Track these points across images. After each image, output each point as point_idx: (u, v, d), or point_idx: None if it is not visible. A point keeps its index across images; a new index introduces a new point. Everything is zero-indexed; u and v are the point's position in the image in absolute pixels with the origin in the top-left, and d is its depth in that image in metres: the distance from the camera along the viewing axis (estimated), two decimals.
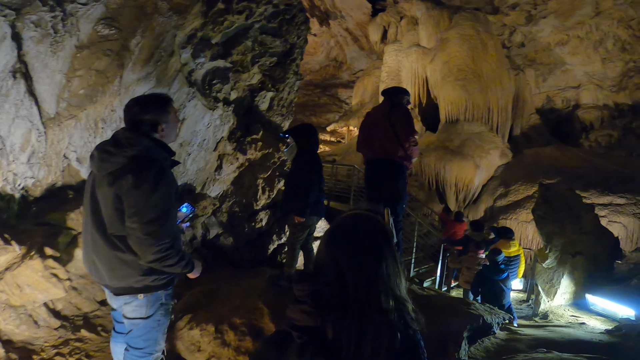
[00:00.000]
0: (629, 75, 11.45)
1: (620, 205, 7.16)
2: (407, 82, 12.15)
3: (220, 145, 4.68)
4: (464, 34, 10.92)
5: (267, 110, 5.59)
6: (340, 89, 17.60)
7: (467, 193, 9.73)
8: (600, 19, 10.86)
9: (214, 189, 4.97)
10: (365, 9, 14.11)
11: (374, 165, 2.98)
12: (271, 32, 5.12)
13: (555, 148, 10.39)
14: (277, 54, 5.33)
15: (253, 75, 5.07)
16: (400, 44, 12.73)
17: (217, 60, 4.39)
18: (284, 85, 5.74)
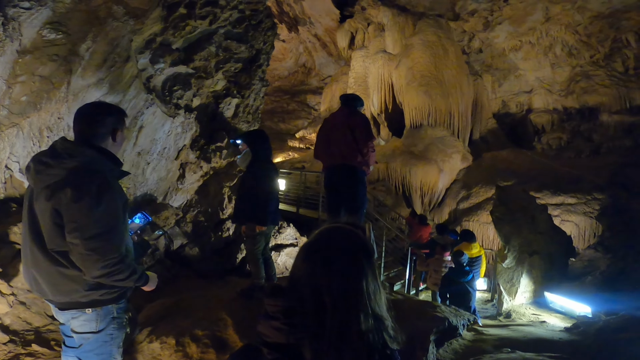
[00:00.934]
0: (576, 79, 11.93)
1: (572, 204, 7.58)
2: (374, 88, 12.33)
3: (183, 154, 4.51)
4: (427, 40, 11.26)
5: (233, 117, 5.48)
6: (309, 95, 17.60)
7: (431, 197, 9.99)
8: (550, 24, 11.24)
9: (177, 199, 4.79)
10: (333, 15, 14.20)
11: (333, 172, 2.98)
12: (236, 38, 5.05)
13: (510, 151, 10.92)
14: (242, 60, 5.25)
15: (217, 81, 4.96)
16: (367, 50, 12.93)
17: (179, 66, 4.26)
18: (250, 91, 5.68)
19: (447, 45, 11.38)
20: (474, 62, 13.07)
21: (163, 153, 4.22)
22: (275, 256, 6.07)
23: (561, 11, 10.69)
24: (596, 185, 7.85)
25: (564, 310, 5.06)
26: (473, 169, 10.08)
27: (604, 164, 9.03)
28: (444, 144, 10.17)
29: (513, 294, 5.19)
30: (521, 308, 5.17)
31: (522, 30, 11.64)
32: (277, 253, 6.08)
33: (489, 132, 12.76)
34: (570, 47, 11.53)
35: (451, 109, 10.89)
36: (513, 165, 9.82)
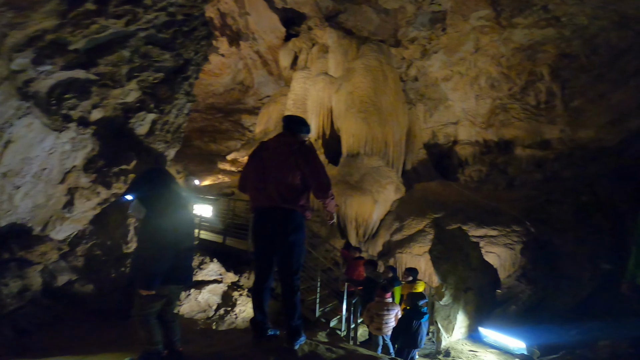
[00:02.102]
0: (496, 112, 12.43)
1: (494, 236, 7.94)
2: (312, 112, 12.03)
3: (71, 177, 3.62)
4: (369, 65, 11.28)
5: (147, 135, 4.68)
6: (245, 115, 16.79)
7: (366, 228, 9.81)
8: (478, 55, 11.59)
9: (62, 230, 3.83)
10: (279, 33, 13.86)
11: (269, 217, 2.36)
12: (161, 44, 4.36)
13: (439, 183, 11.33)
14: (165, 70, 4.55)
15: (129, 92, 4.21)
16: (309, 71, 12.66)
17: (75, 70, 3.48)
18: (171, 106, 4.93)
19: (387, 72, 11.51)
20: (410, 90, 13.42)
21: (41, 175, 3.30)
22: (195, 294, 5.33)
23: (489, 42, 11.22)
24: (514, 218, 8.37)
25: (498, 345, 5.05)
26: (406, 200, 10.17)
27: (518, 196, 9.75)
28: (379, 175, 10.14)
29: (450, 330, 5.08)
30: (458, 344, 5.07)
31: (454, 60, 12.14)
32: (198, 291, 5.37)
33: (419, 163, 13.07)
34: (492, 79, 12.16)
35: (387, 138, 10.95)
36: (442, 197, 10.11)
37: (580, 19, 9.53)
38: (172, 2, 4.14)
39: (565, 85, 11.19)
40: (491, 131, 12.73)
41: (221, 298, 5.03)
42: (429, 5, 10.84)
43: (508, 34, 10.76)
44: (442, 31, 11.42)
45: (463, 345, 5.04)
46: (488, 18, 10.53)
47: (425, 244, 7.62)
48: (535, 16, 9.93)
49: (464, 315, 5.21)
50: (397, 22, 11.84)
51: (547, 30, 10.22)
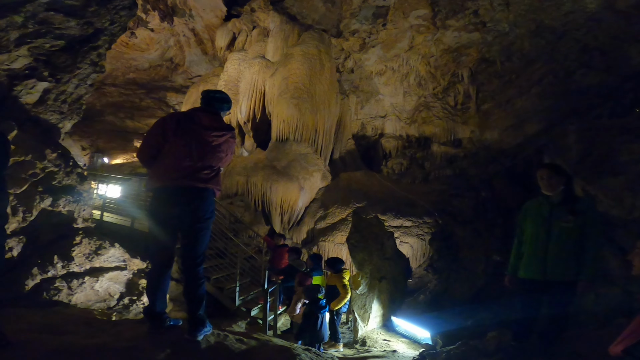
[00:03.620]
0: (419, 109, 13.22)
1: (408, 227, 8.53)
2: (245, 95, 11.66)
3: None
4: (308, 52, 11.20)
5: (36, 105, 4.10)
6: (171, 93, 15.57)
7: (291, 215, 9.85)
8: (411, 53, 12.16)
9: None
10: (219, 12, 12.93)
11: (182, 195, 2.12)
12: (66, 10, 3.87)
13: (363, 173, 11.76)
14: (67, 37, 4.05)
15: (17, 57, 3.72)
16: (246, 54, 12.25)
17: None
18: (72, 75, 4.39)
19: (324, 61, 11.56)
20: (345, 81, 13.71)
21: None
22: (91, 282, 4.79)
23: (422, 41, 11.82)
24: (427, 211, 9.08)
25: (408, 335, 5.42)
26: (331, 188, 10.40)
27: (432, 190, 10.57)
28: (306, 162, 10.22)
29: (366, 320, 5.34)
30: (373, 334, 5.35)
31: (389, 55, 12.59)
32: (95, 278, 4.81)
33: (347, 153, 13.47)
34: (420, 78, 12.92)
35: (318, 125, 11.06)
36: (365, 187, 10.48)
37: (503, 25, 10.45)
38: None
39: (480, 88, 12.32)
40: (414, 127, 13.60)
41: (125, 286, 4.51)
42: (374, 0, 11.11)
43: (440, 35, 11.43)
44: (382, 26, 11.76)
45: (378, 335, 5.33)
46: (425, 18, 11.09)
47: (347, 233, 7.57)
48: (466, 20, 10.68)
49: (378, 304, 5.49)
50: (342, 13, 11.95)
51: (473, 35, 11.06)
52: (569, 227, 2.37)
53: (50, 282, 3.80)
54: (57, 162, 4.16)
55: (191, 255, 2.21)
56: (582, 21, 9.32)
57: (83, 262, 4.19)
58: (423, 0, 10.66)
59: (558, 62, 10.50)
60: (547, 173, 2.50)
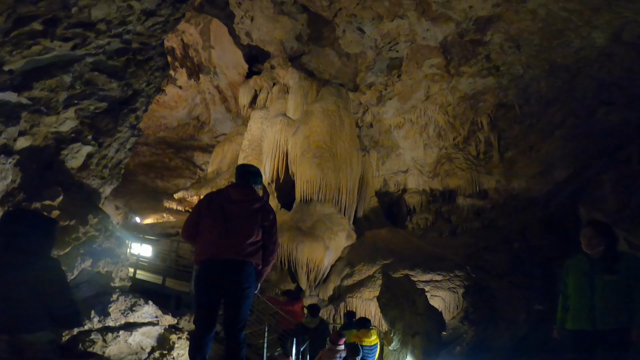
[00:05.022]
0: (441, 162, 12.72)
1: (438, 281, 8.30)
2: (268, 154, 11.93)
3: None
4: (327, 109, 11.46)
5: (80, 170, 4.28)
6: (198, 153, 16.21)
7: (317, 273, 9.83)
8: (428, 103, 11.98)
9: None
10: (241, 69, 13.92)
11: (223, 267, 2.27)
12: (109, 71, 4.08)
13: (388, 230, 11.58)
14: (109, 99, 4.24)
15: (64, 120, 3.88)
16: (268, 112, 12.63)
17: (6, 92, 3.19)
18: (113, 140, 4.59)
19: (344, 117, 11.74)
20: (364, 136, 13.63)
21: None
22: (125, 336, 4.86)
23: (438, 90, 11.74)
24: (456, 264, 8.80)
25: None
26: (356, 246, 10.35)
27: (461, 243, 10.21)
28: (331, 222, 10.25)
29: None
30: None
31: (406, 107, 12.53)
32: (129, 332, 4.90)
33: (371, 211, 13.22)
34: (440, 128, 12.62)
35: (340, 185, 11.06)
36: (391, 244, 10.39)
37: (516, 68, 10.40)
38: (129, 30, 3.95)
39: (501, 135, 11.96)
40: (437, 181, 13.13)
41: (156, 341, 4.64)
42: (387, 51, 11.49)
43: (455, 82, 11.40)
44: (397, 78, 11.92)
45: None
46: (439, 66, 11.20)
47: (375, 288, 7.79)
48: (479, 65, 10.71)
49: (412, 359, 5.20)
50: (357, 67, 12.41)
51: (488, 80, 10.99)
52: (613, 280, 2.32)
53: (87, 334, 3.99)
54: (98, 226, 4.37)
55: (232, 322, 2.29)
56: (594, 57, 9.18)
57: (118, 317, 4.33)
58: (435, 49, 10.92)
59: (577, 102, 10.24)
60: (591, 233, 2.47)
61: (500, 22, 9.55)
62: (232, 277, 2.24)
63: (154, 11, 4.03)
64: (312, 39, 12.54)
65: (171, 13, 4.27)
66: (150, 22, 4.10)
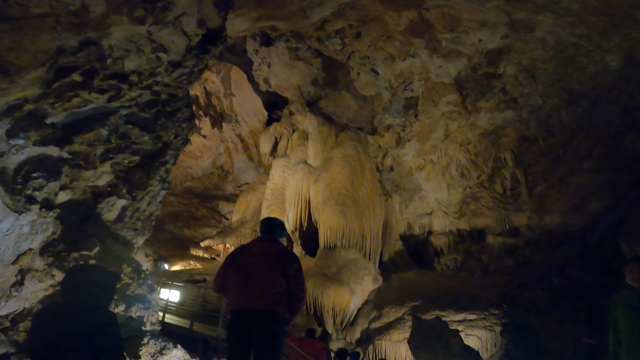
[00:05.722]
0: (467, 202, 12.52)
1: (473, 320, 8.04)
2: (291, 203, 12.06)
3: (25, 259, 3.43)
4: (347, 155, 11.54)
5: (115, 222, 4.47)
6: (222, 202, 16.61)
7: (343, 317, 9.76)
8: (448, 142, 11.86)
9: (6, 306, 3.48)
10: (261, 117, 14.19)
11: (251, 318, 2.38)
12: (141, 124, 4.31)
13: (415, 272, 11.34)
14: (142, 153, 4.46)
15: (101, 174, 4.11)
16: (289, 159, 12.81)
17: (49, 146, 3.43)
18: (145, 193, 4.77)
19: (364, 162, 11.75)
20: (386, 181, 13.53)
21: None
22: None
23: (457, 128, 11.62)
24: (491, 303, 8.55)
25: None
26: (383, 290, 10.26)
27: (495, 282, 9.93)
28: (356, 267, 10.20)
29: None
30: None
31: (426, 147, 12.42)
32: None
33: (396, 254, 13.00)
34: (462, 167, 12.40)
35: (364, 230, 10.99)
36: (419, 285, 10.27)
37: (534, 98, 10.26)
38: (158, 81, 4.22)
39: (527, 170, 11.64)
40: (463, 221, 12.84)
41: None
42: (402, 91, 11.59)
43: (474, 118, 11.30)
44: (414, 118, 11.94)
45: None
46: (455, 103, 11.18)
47: (405, 330, 7.75)
48: (496, 99, 10.62)
49: None
50: (374, 109, 12.50)
51: (507, 113, 10.87)
52: None
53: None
54: (131, 275, 4.59)
55: None
56: (611, 81, 8.99)
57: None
58: (450, 86, 10.92)
59: (603, 129, 9.93)
60: (638, 268, 2.52)
61: (511, 53, 9.64)
62: (258, 326, 2.34)
63: (180, 62, 4.34)
64: (327, 83, 12.80)
65: (195, 64, 4.57)
66: (177, 73, 4.39)
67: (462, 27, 9.36)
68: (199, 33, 4.36)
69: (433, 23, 9.53)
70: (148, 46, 3.88)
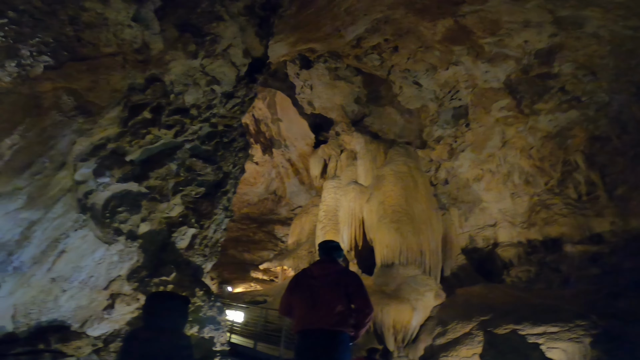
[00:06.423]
0: (536, 210, 11.65)
1: (555, 332, 7.36)
2: (344, 223, 12.04)
3: (115, 284, 3.87)
4: (398, 171, 11.27)
5: (187, 249, 4.89)
6: (277, 226, 17.17)
7: (405, 334, 9.42)
8: (506, 149, 11.18)
9: (99, 328, 3.91)
10: (308, 140, 14.35)
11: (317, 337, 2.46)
12: (203, 156, 4.67)
13: (483, 286, 10.65)
14: (206, 184, 4.84)
15: (173, 206, 4.53)
16: (340, 180, 12.80)
17: (130, 182, 3.79)
18: (211, 221, 5.19)
19: (416, 177, 11.45)
20: (441, 194, 12.95)
21: (88, 282, 3.58)
22: None
23: (515, 133, 10.83)
24: (576, 314, 7.76)
25: None
26: (447, 305, 9.80)
27: (578, 292, 9.07)
28: (416, 283, 9.88)
29: None
30: None
31: (482, 157, 11.73)
32: None
33: (459, 268, 12.42)
34: (526, 175, 11.50)
35: (422, 246, 10.64)
36: (487, 299, 9.58)
37: (600, 95, 9.40)
38: (214, 113, 4.57)
39: (603, 172, 10.53)
40: (534, 231, 11.80)
41: None
42: (449, 101, 11.10)
43: (533, 122, 10.53)
44: (466, 127, 11.36)
45: None
46: (510, 107, 10.52)
47: (474, 346, 7.38)
48: (556, 99, 9.86)
49: None
50: (421, 122, 12.09)
51: (570, 113, 10.04)
52: None
53: None
54: (203, 298, 4.93)
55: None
56: None
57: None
58: (500, 91, 10.34)
59: None
60: None
61: (564, 51, 9.02)
62: (324, 345, 2.42)
63: (232, 93, 4.67)
64: (370, 100, 12.67)
65: (246, 93, 4.90)
66: (231, 103, 4.73)
67: (503, 30, 8.97)
68: (245, 63, 4.69)
69: (472, 29, 9.23)
70: (203, 79, 4.23)
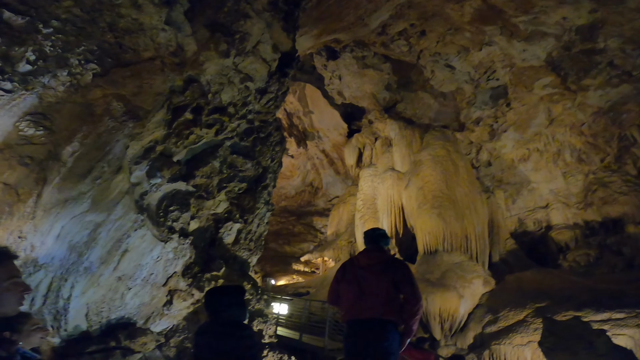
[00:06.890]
0: (592, 189, 11.09)
1: (621, 319, 6.88)
2: (384, 211, 11.89)
3: (172, 281, 4.09)
4: (436, 156, 10.87)
5: (233, 244, 5.04)
6: (316, 218, 17.29)
7: (452, 323, 9.13)
8: (554, 127, 10.71)
9: (160, 324, 4.16)
10: (341, 130, 14.32)
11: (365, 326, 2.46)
12: (243, 152, 4.75)
13: (536, 271, 10.13)
14: (247, 179, 4.93)
15: (219, 203, 4.67)
16: (376, 168, 12.62)
17: (178, 182, 3.91)
18: (254, 216, 5.30)
19: (456, 160, 11.03)
20: (484, 177, 12.46)
21: (149, 279, 3.81)
22: None
23: (563, 111, 10.34)
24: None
25: None
26: (497, 292, 9.39)
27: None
28: (462, 270, 9.53)
29: None
30: None
31: (527, 136, 11.23)
32: None
33: (508, 254, 11.82)
34: (579, 152, 10.95)
35: (467, 231, 10.23)
36: (542, 285, 9.09)
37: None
38: (250, 110, 4.63)
39: None
40: (591, 211, 11.08)
41: None
42: (486, 81, 10.67)
43: (582, 98, 9.96)
44: (507, 107, 10.89)
45: None
46: (554, 85, 10.00)
47: (529, 333, 7.06)
48: (605, 74, 9.30)
49: None
50: (457, 105, 11.67)
51: (622, 87, 9.44)
52: None
53: None
54: (251, 291, 5.11)
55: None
56: None
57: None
58: (542, 68, 9.76)
59: None
60: None
61: (607, 27, 8.43)
62: (371, 334, 2.40)
63: (265, 89, 4.73)
64: (401, 86, 12.38)
65: (279, 88, 4.95)
66: (265, 99, 4.80)
67: (537, 8, 8.50)
68: (275, 58, 4.71)
69: (502, 7, 8.78)
70: (237, 77, 4.28)
